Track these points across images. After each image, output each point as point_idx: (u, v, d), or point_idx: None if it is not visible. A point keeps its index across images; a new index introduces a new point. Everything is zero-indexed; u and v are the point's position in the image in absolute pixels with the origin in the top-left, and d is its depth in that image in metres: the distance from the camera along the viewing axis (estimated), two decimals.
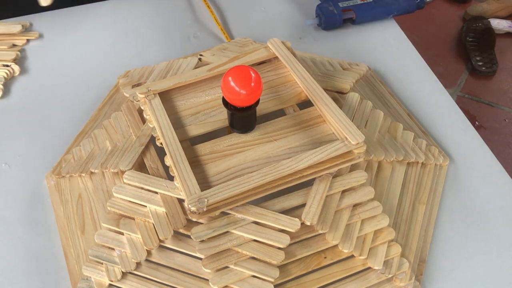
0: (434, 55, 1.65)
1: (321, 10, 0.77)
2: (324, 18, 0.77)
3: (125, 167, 0.53)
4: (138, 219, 0.50)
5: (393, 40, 0.79)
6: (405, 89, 0.71)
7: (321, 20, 0.78)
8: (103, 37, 0.78)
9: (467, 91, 1.56)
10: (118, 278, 0.49)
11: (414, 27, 1.68)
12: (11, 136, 0.65)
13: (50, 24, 0.79)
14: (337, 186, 0.52)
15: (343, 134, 0.52)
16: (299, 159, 0.49)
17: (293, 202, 0.50)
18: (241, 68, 0.48)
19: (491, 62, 1.59)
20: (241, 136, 0.53)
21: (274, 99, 0.57)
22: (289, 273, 0.49)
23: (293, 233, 0.49)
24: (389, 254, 0.51)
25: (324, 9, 0.77)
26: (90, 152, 0.58)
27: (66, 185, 0.58)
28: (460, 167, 0.62)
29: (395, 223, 0.54)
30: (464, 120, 0.68)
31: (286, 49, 0.60)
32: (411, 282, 0.50)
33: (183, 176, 0.48)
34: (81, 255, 0.52)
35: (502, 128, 1.46)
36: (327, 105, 0.54)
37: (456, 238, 0.56)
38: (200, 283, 0.48)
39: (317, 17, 0.78)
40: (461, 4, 1.82)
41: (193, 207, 0.46)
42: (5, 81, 0.70)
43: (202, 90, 0.58)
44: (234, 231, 0.49)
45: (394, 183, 0.56)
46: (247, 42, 0.71)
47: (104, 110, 0.65)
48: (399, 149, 0.58)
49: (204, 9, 0.82)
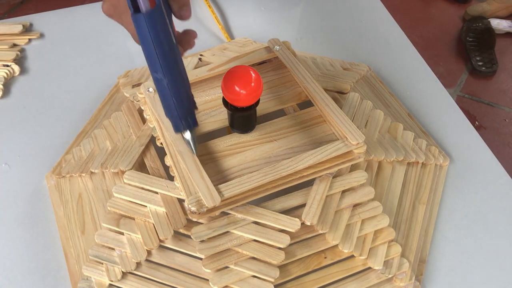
0: (434, 55, 1.64)
1: None
2: None
3: (125, 167, 0.53)
4: (138, 219, 0.50)
5: (393, 40, 0.79)
6: (405, 89, 0.71)
7: None
8: (103, 37, 0.78)
9: (467, 91, 1.56)
10: (118, 278, 0.49)
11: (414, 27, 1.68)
12: (11, 136, 0.65)
13: (50, 24, 0.79)
14: (337, 186, 0.52)
15: (343, 134, 0.52)
16: (299, 159, 0.49)
17: (293, 202, 0.50)
18: (241, 68, 0.48)
19: (491, 62, 1.59)
20: (241, 136, 0.53)
21: (274, 99, 0.57)
22: (289, 273, 0.49)
23: (293, 233, 0.49)
24: (389, 254, 0.51)
25: None
26: (90, 152, 0.58)
27: (66, 185, 0.58)
28: (460, 167, 0.62)
29: (395, 223, 0.54)
30: (464, 120, 0.68)
31: (286, 49, 0.60)
32: (411, 282, 0.51)
33: (183, 176, 0.48)
34: (81, 255, 0.52)
35: (502, 128, 1.46)
36: (327, 105, 0.54)
37: (456, 238, 0.56)
38: (200, 283, 0.48)
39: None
40: (461, 4, 1.82)
41: (193, 207, 0.46)
42: (5, 81, 0.70)
43: (202, 90, 0.58)
44: (234, 231, 0.49)
45: (394, 183, 0.56)
46: (247, 42, 0.71)
47: (104, 110, 0.65)
48: (399, 149, 0.58)
49: (204, 9, 0.82)
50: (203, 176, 0.47)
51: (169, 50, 0.39)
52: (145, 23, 0.37)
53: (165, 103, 0.43)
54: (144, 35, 0.38)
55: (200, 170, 0.48)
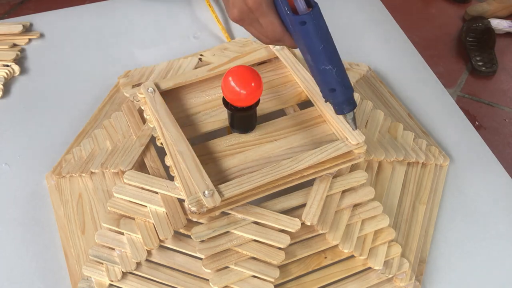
0: (434, 55, 1.64)
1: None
2: None
3: (125, 167, 0.53)
4: (138, 219, 0.50)
5: (393, 40, 0.79)
6: (405, 89, 0.71)
7: None
8: (103, 37, 0.78)
9: (467, 91, 1.56)
10: (118, 278, 0.49)
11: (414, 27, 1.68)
12: (11, 136, 0.65)
13: (50, 24, 0.79)
14: (337, 186, 0.52)
15: (344, 134, 0.52)
16: (300, 159, 0.49)
17: (293, 202, 0.50)
18: (241, 68, 0.48)
19: (491, 62, 1.59)
20: (241, 136, 0.53)
21: (274, 99, 0.57)
22: (289, 273, 0.49)
23: (293, 233, 0.49)
24: (389, 254, 0.51)
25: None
26: (90, 152, 0.58)
27: (66, 185, 0.58)
28: (460, 167, 0.62)
29: (395, 223, 0.54)
30: (464, 120, 0.68)
31: (286, 49, 0.60)
32: (411, 282, 0.50)
33: (183, 176, 0.48)
34: (81, 255, 0.52)
35: (502, 128, 1.46)
36: (327, 105, 0.54)
37: (456, 238, 0.56)
38: (200, 283, 0.48)
39: None
40: (461, 4, 1.81)
41: (193, 207, 0.46)
42: (5, 81, 0.70)
43: (202, 90, 0.58)
44: (234, 231, 0.49)
45: (394, 183, 0.56)
46: (248, 42, 0.71)
47: (104, 110, 0.65)
48: (400, 149, 0.58)
49: (204, 9, 0.82)
50: (203, 176, 0.47)
51: (333, 42, 0.45)
52: (312, 22, 0.43)
53: (329, 90, 0.48)
54: (311, 33, 0.43)
55: (200, 170, 0.48)
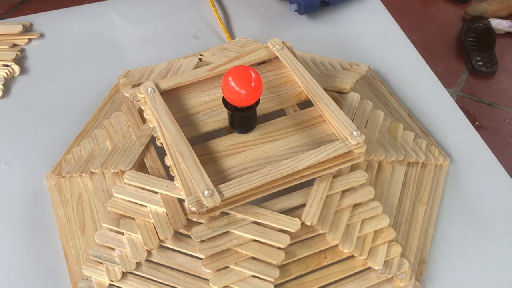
0: (434, 55, 1.64)
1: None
2: (302, 3, 0.77)
3: (125, 167, 0.53)
4: (138, 219, 0.50)
5: (393, 40, 0.79)
6: (405, 89, 0.71)
7: (300, 5, 0.78)
8: (103, 37, 0.78)
9: (467, 91, 1.56)
10: (118, 278, 0.49)
11: (414, 27, 1.68)
12: (11, 136, 0.65)
13: (50, 24, 0.79)
14: (337, 186, 0.52)
15: (344, 134, 0.52)
16: (299, 159, 0.49)
17: (293, 202, 0.50)
18: (241, 68, 0.48)
19: (491, 62, 1.59)
20: (241, 136, 0.53)
21: (274, 99, 0.57)
22: (289, 273, 0.49)
23: (293, 233, 0.49)
24: (389, 254, 0.51)
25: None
26: (90, 152, 0.58)
27: (66, 185, 0.58)
28: (460, 167, 0.62)
29: (395, 223, 0.54)
30: (464, 120, 0.68)
31: (286, 49, 0.60)
32: (411, 282, 0.51)
33: (183, 176, 0.48)
34: (81, 255, 0.52)
35: (502, 128, 1.46)
36: (327, 105, 0.54)
37: (456, 238, 0.56)
38: (200, 283, 0.48)
39: (295, 3, 0.79)
40: (461, 4, 1.81)
41: (193, 207, 0.46)
42: (5, 81, 0.70)
43: (202, 90, 0.58)
44: (234, 231, 0.49)
45: (394, 183, 0.56)
46: (248, 42, 0.71)
47: (104, 110, 0.65)
48: (399, 149, 0.58)
49: (204, 9, 0.82)
50: (203, 176, 0.47)
51: None
52: None
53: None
54: None
55: (200, 170, 0.48)
